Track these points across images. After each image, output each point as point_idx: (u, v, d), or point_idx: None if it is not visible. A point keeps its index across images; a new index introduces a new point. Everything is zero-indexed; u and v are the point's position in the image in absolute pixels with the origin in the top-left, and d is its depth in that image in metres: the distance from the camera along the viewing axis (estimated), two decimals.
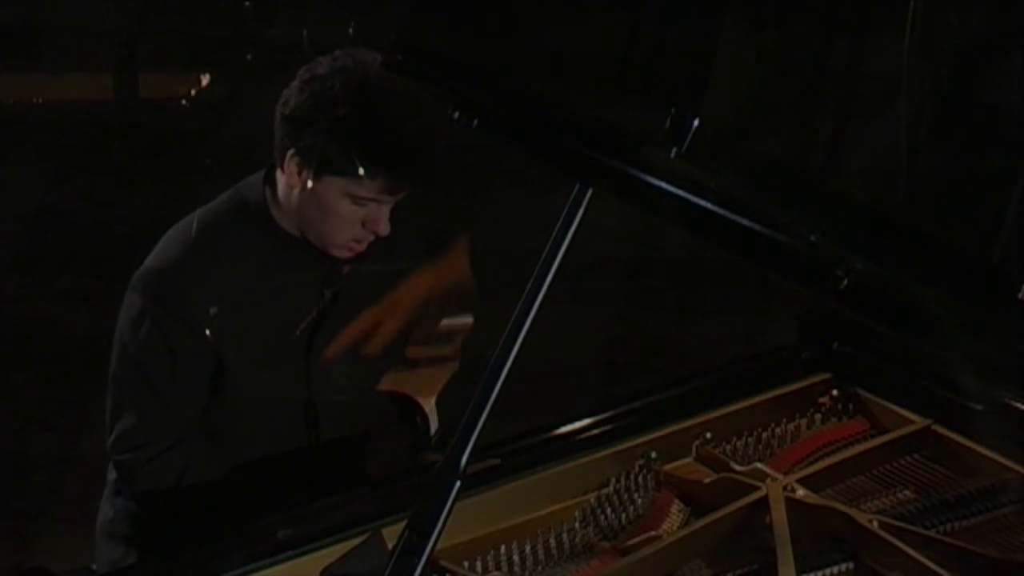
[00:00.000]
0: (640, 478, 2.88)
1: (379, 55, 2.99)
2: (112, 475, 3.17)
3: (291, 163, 2.99)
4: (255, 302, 3.03)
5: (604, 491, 2.86)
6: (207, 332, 3.00)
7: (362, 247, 3.04)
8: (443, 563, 2.62)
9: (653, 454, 2.90)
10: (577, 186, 2.39)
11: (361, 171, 2.94)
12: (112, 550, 3.15)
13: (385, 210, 3.00)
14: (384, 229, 3.01)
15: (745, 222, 2.30)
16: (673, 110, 2.31)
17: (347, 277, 3.09)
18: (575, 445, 2.89)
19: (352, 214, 2.99)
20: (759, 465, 2.84)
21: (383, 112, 2.94)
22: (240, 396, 3.06)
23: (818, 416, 3.05)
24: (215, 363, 3.04)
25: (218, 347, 3.02)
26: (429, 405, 3.21)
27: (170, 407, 3.03)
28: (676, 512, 2.81)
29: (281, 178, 3.03)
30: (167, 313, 3.00)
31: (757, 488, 2.75)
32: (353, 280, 3.10)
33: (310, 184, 2.97)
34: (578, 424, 2.94)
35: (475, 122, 2.51)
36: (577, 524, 2.80)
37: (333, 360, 3.07)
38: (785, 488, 2.74)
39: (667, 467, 2.90)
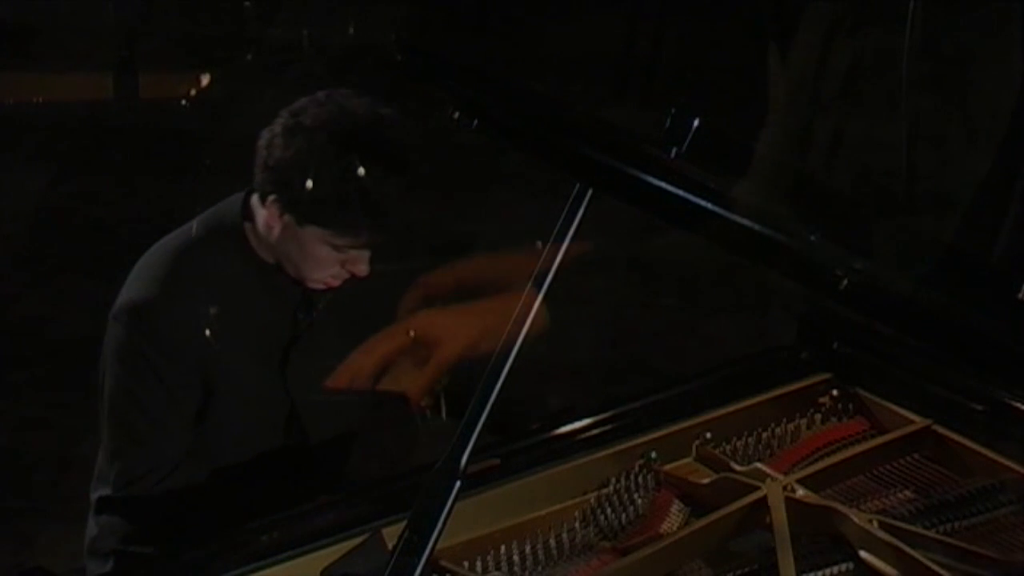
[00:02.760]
0: (640, 478, 2.88)
1: (367, 100, 2.96)
2: (95, 494, 3.15)
3: (272, 206, 2.98)
4: (233, 325, 3.03)
5: (604, 491, 2.86)
6: (191, 359, 3.00)
7: (337, 283, 3.03)
8: (443, 563, 2.62)
9: (653, 454, 2.90)
10: (577, 186, 2.39)
11: (343, 226, 2.93)
12: (99, 567, 3.15)
13: (365, 254, 2.99)
14: (363, 271, 3.00)
15: (745, 222, 2.30)
16: (673, 110, 2.31)
17: (322, 299, 3.09)
18: (575, 445, 2.89)
19: (331, 258, 2.98)
20: (759, 465, 2.85)
21: (367, 170, 2.91)
22: (224, 415, 3.07)
23: (818, 416, 3.05)
24: (203, 387, 3.04)
25: (205, 371, 3.02)
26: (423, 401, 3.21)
27: (168, 434, 3.04)
28: (676, 512, 2.81)
29: (260, 211, 3.02)
30: (152, 344, 3.00)
31: (757, 488, 2.75)
32: (326, 298, 3.09)
33: (291, 228, 2.97)
34: (578, 424, 2.94)
35: (475, 122, 2.51)
36: (577, 524, 2.80)
37: (317, 371, 3.07)
38: (785, 488, 2.74)
39: (667, 467, 2.90)
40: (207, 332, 3.00)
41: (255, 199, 3.03)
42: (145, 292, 3.03)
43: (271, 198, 2.97)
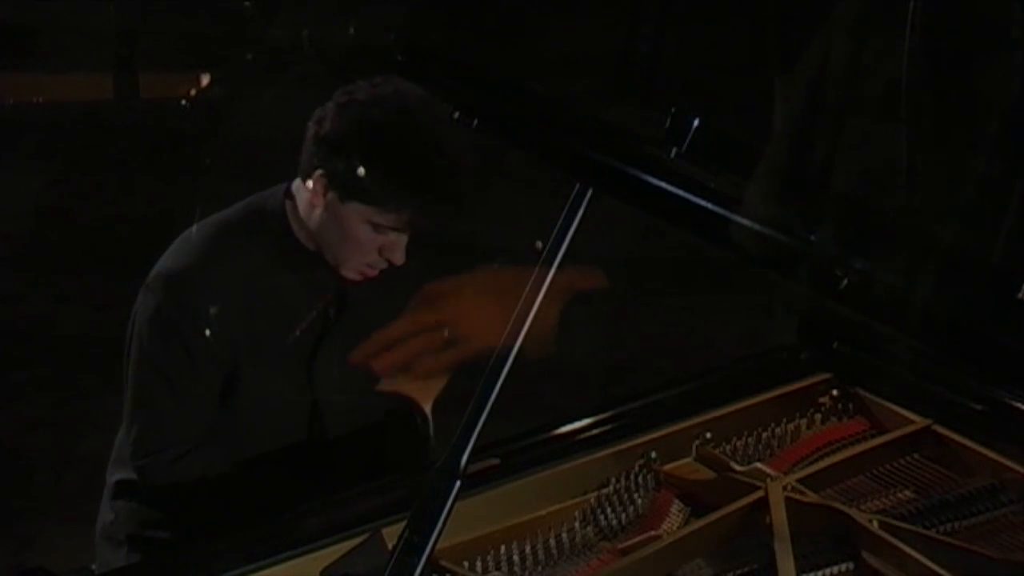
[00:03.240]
0: (640, 478, 2.88)
1: (417, 87, 2.98)
2: (112, 478, 3.17)
3: (318, 182, 2.99)
4: (266, 310, 3.04)
5: (604, 491, 2.86)
6: (220, 336, 3.01)
7: (374, 272, 3.04)
8: (443, 563, 2.62)
9: (653, 454, 2.90)
10: (577, 186, 2.39)
11: (387, 203, 2.94)
12: (112, 552, 3.15)
13: (403, 240, 3.01)
14: (399, 259, 3.01)
15: (745, 222, 2.30)
16: (673, 110, 2.31)
17: (356, 295, 3.09)
18: (575, 445, 2.89)
19: (370, 241, 2.99)
20: (759, 465, 2.85)
21: (417, 148, 2.93)
22: (246, 400, 3.07)
23: (818, 416, 3.05)
24: (229, 367, 3.04)
25: (231, 351, 3.02)
26: (428, 406, 3.21)
27: (190, 408, 3.04)
28: (676, 512, 2.81)
29: (304, 192, 3.03)
30: (183, 315, 3.01)
31: (757, 488, 2.75)
32: (359, 297, 3.10)
33: (333, 206, 2.97)
34: (578, 424, 2.94)
35: (475, 122, 2.51)
36: (577, 524, 2.80)
37: (342, 368, 3.07)
38: (785, 488, 2.74)
39: (667, 467, 2.90)
40: (236, 309, 3.01)
41: (297, 182, 3.05)
42: (181, 263, 3.04)
43: (317, 173, 2.98)
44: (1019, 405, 2.82)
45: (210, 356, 3.02)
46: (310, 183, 3.00)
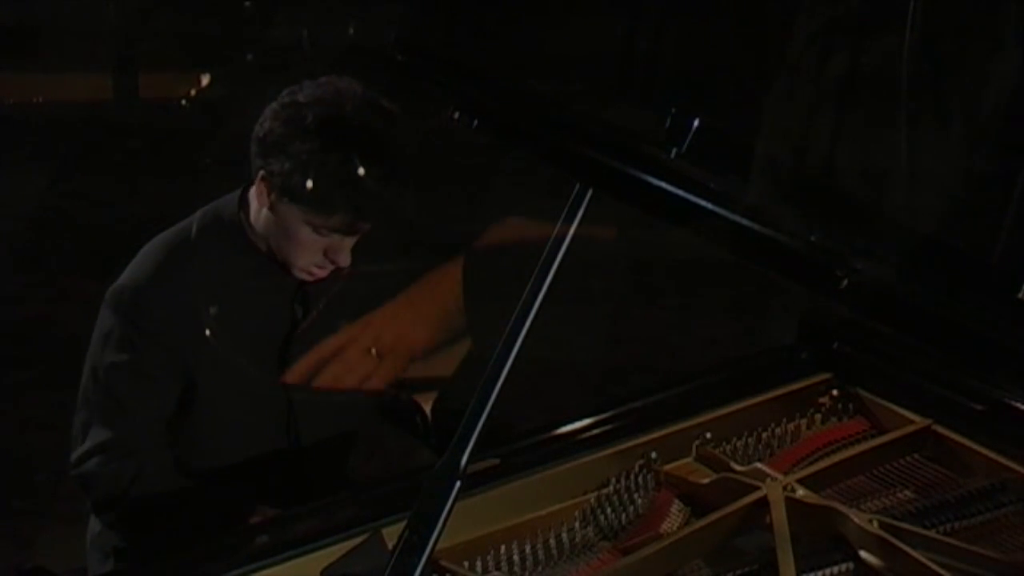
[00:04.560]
0: (640, 478, 2.88)
1: (361, 88, 2.97)
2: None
3: (261, 184, 2.99)
4: (227, 317, 3.03)
5: (604, 491, 2.86)
6: (177, 351, 3.00)
7: (324, 273, 3.03)
8: (443, 563, 2.62)
9: (653, 454, 2.90)
10: (577, 186, 2.39)
11: (320, 205, 2.93)
12: (100, 563, 3.15)
13: (347, 242, 2.99)
14: (344, 261, 3.00)
15: (745, 222, 2.30)
16: (673, 110, 2.31)
17: (321, 294, 3.08)
18: (575, 445, 2.89)
19: (313, 242, 2.98)
20: (759, 465, 2.84)
21: (347, 150, 2.92)
22: (212, 410, 3.06)
23: (818, 416, 3.05)
24: (185, 378, 3.04)
25: (191, 362, 3.02)
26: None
27: (133, 420, 3.03)
28: (676, 512, 2.81)
29: (254, 196, 3.03)
30: (137, 329, 3.00)
31: (757, 488, 2.75)
32: (327, 296, 3.09)
33: (276, 207, 2.97)
34: (578, 424, 2.94)
35: (475, 122, 2.51)
36: (577, 524, 2.80)
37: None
38: (785, 488, 2.74)
39: (667, 467, 2.90)
40: (196, 321, 3.00)
41: (252, 188, 3.04)
42: (136, 277, 3.04)
43: (260, 174, 2.98)
44: (1019, 405, 2.82)
45: (164, 370, 3.02)
46: (255, 185, 3.00)
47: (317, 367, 3.01)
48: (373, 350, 3.04)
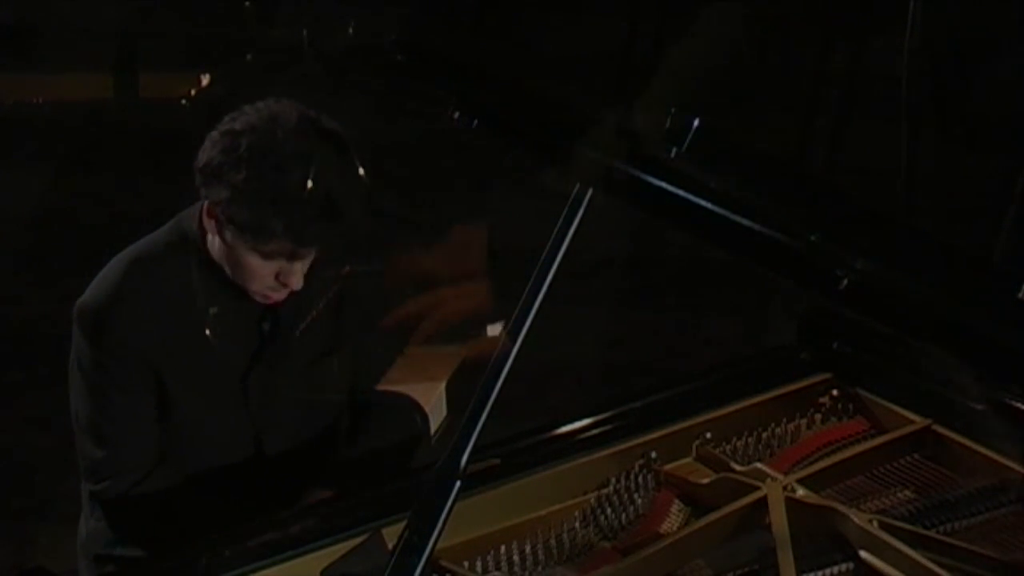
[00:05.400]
0: (640, 478, 2.88)
1: (298, 111, 2.92)
2: (85, 496, 3.16)
3: (207, 211, 2.98)
4: (193, 332, 3.02)
5: (604, 491, 2.86)
6: (143, 365, 3.00)
7: (280, 296, 3.00)
8: (443, 563, 2.62)
9: (653, 454, 2.90)
10: (577, 186, 2.39)
11: (259, 233, 2.90)
12: (90, 569, 3.15)
13: (297, 266, 2.96)
14: (296, 284, 2.96)
15: (745, 222, 2.30)
16: (673, 110, 2.31)
17: (285, 307, 3.07)
18: (575, 445, 2.89)
19: (262, 268, 2.95)
20: (759, 465, 2.84)
21: (282, 178, 2.87)
22: (189, 423, 3.06)
23: (818, 416, 3.05)
24: (157, 392, 3.03)
25: (159, 376, 3.01)
26: (438, 391, 3.20)
27: (132, 435, 3.03)
28: (676, 512, 2.81)
29: (207, 220, 3.01)
30: (100, 349, 2.99)
31: (757, 488, 2.75)
32: (292, 310, 3.08)
33: (223, 234, 2.95)
34: (578, 424, 2.94)
35: (475, 122, 2.51)
36: (577, 524, 2.80)
37: (286, 381, 3.07)
38: (785, 488, 2.75)
39: (667, 467, 2.90)
40: (159, 339, 2.99)
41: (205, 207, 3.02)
42: (96, 296, 3.03)
43: (205, 203, 2.97)
44: (1019, 405, 2.82)
45: (137, 385, 3.01)
46: (204, 212, 2.99)
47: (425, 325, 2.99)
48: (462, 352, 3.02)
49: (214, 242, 2.98)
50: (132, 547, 3.07)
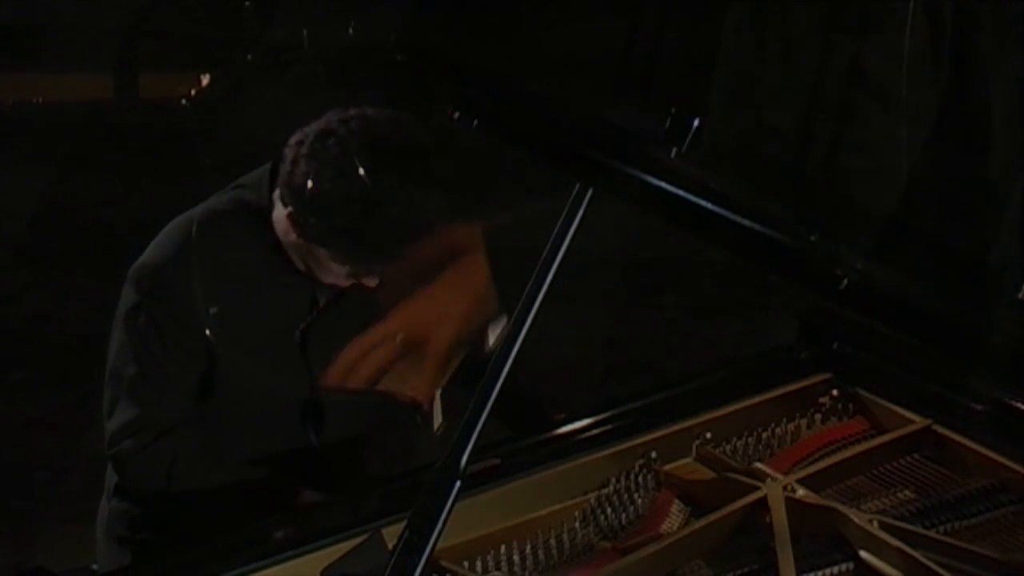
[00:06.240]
0: (640, 478, 2.88)
1: (400, 127, 2.93)
2: (110, 477, 3.17)
3: (289, 218, 2.98)
4: (250, 301, 3.03)
5: (604, 491, 2.86)
6: (201, 327, 3.01)
7: (348, 283, 3.03)
8: (443, 563, 2.62)
9: (653, 454, 2.90)
10: (577, 186, 2.39)
11: (346, 257, 2.94)
12: (110, 550, 3.16)
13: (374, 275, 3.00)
14: (373, 284, 3.01)
15: (745, 222, 2.30)
16: (673, 110, 2.31)
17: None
18: (575, 445, 2.89)
19: (340, 270, 2.99)
20: (759, 465, 2.84)
21: (391, 228, 2.90)
22: (234, 394, 3.06)
23: (818, 416, 3.05)
24: (207, 359, 3.04)
25: (212, 343, 3.02)
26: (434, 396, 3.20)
27: (163, 397, 3.04)
28: (676, 512, 2.81)
29: (280, 209, 3.01)
30: (161, 307, 3.01)
31: (757, 488, 2.75)
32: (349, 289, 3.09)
33: (300, 236, 2.97)
34: (578, 424, 2.94)
35: (475, 122, 2.51)
36: (577, 524, 2.80)
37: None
38: (785, 488, 2.74)
39: (667, 467, 2.90)
40: (216, 303, 3.01)
41: (278, 193, 3.03)
42: (161, 255, 3.05)
43: (289, 211, 2.97)
44: (1019, 405, 2.82)
45: (188, 348, 3.02)
46: (285, 212, 3.00)
47: (351, 367, 2.99)
48: (399, 337, 3.01)
49: (288, 238, 2.99)
50: (159, 531, 3.07)
